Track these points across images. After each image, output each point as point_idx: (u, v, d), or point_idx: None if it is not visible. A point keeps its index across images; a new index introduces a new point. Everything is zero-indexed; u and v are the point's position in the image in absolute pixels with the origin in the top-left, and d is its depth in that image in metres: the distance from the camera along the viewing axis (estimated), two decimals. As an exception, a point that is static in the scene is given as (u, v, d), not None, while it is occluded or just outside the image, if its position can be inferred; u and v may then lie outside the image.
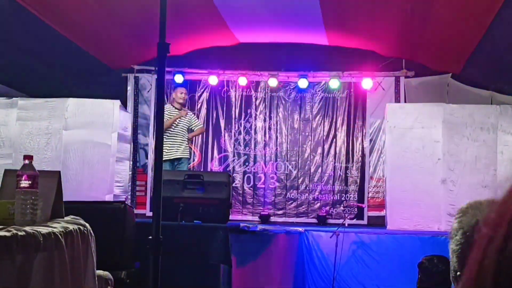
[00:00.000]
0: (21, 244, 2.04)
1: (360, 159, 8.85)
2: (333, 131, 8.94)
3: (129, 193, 8.65)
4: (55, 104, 7.80)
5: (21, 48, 7.38)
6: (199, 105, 9.10)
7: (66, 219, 2.60)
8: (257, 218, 8.63)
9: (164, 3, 2.89)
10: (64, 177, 7.68)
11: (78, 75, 8.86)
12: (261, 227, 6.16)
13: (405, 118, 7.56)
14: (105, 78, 8.95)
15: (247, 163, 9.02)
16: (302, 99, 9.03)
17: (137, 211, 8.03)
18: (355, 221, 8.48)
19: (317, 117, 8.99)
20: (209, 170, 8.87)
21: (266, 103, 9.08)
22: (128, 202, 8.07)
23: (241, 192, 8.92)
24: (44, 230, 2.21)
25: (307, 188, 8.86)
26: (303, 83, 8.67)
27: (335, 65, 8.80)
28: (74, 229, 2.44)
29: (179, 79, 8.65)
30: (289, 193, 8.88)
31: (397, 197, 7.39)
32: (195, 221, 5.28)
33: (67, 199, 3.07)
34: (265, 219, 8.43)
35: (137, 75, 9.11)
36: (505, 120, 7.34)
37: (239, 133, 9.08)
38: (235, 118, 9.08)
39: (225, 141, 9.07)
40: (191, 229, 5.08)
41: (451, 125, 7.40)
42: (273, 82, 8.75)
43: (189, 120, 7.86)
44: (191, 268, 4.93)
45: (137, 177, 9.01)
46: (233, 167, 9.00)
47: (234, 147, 9.05)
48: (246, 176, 8.98)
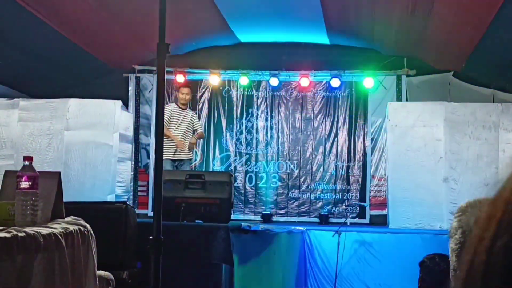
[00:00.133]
0: (21, 245, 2.05)
1: (361, 158, 8.84)
2: (334, 130, 8.93)
3: (131, 193, 8.65)
4: (56, 104, 7.80)
5: (22, 49, 7.39)
6: (201, 105, 9.10)
7: (66, 219, 2.60)
8: (259, 217, 8.63)
9: (163, 3, 2.89)
10: (66, 178, 7.69)
11: (79, 76, 8.87)
12: (263, 226, 6.16)
13: (406, 116, 7.55)
14: (106, 78, 8.96)
15: (249, 163, 9.02)
16: (303, 98, 9.02)
17: (139, 211, 8.05)
18: (357, 220, 8.48)
19: (319, 116, 8.98)
20: (211, 169, 8.87)
21: (267, 103, 9.08)
22: (130, 202, 8.08)
23: (243, 191, 8.91)
24: (44, 231, 2.22)
25: (309, 187, 8.86)
26: (305, 82, 8.67)
27: (336, 64, 8.81)
28: (74, 229, 2.44)
29: (180, 79, 8.66)
30: (291, 192, 8.87)
31: (399, 196, 7.39)
32: (196, 221, 5.29)
33: (69, 199, 3.07)
34: (267, 219, 8.43)
35: (138, 75, 9.12)
36: (506, 118, 7.32)
37: (241, 133, 9.07)
38: (237, 117, 9.08)
39: (226, 140, 9.07)
40: (192, 229, 5.08)
41: (452, 123, 7.39)
42: (274, 81, 8.75)
43: (191, 121, 7.85)
44: (193, 268, 4.94)
45: (139, 177, 9.02)
46: (235, 167, 8.99)
47: (235, 146, 9.05)
48: (248, 175, 8.98)
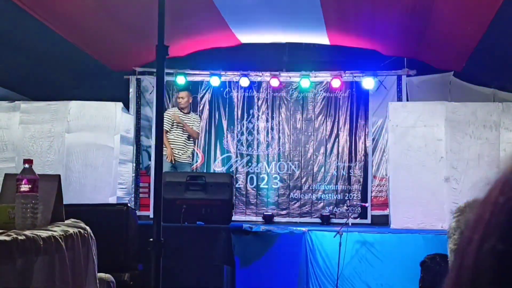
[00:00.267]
0: (21, 248, 2.05)
1: (363, 158, 8.83)
2: (335, 131, 8.92)
3: (133, 195, 8.66)
4: (57, 107, 7.80)
5: (23, 51, 7.40)
6: (201, 106, 9.10)
7: (66, 222, 2.60)
8: (260, 218, 8.62)
9: (162, 5, 2.89)
10: (67, 180, 7.69)
11: (80, 78, 8.88)
12: (264, 227, 6.16)
13: (407, 116, 7.54)
14: (107, 80, 8.97)
15: (250, 164, 9.01)
16: (304, 99, 9.01)
17: (140, 213, 8.06)
18: (358, 220, 8.47)
19: (320, 117, 8.97)
20: (212, 171, 8.88)
21: (268, 104, 9.07)
22: (131, 204, 8.09)
23: (244, 192, 8.91)
24: (44, 234, 2.22)
25: (310, 188, 8.85)
26: (305, 83, 8.67)
27: (336, 64, 8.80)
28: (74, 232, 2.44)
29: (181, 80, 8.67)
30: (292, 193, 8.87)
31: (401, 196, 7.38)
32: (197, 222, 5.29)
33: (71, 202, 3.07)
34: (268, 220, 8.42)
35: (139, 77, 9.12)
36: (507, 117, 7.31)
37: (242, 134, 9.07)
38: (238, 118, 9.08)
39: (227, 142, 9.07)
40: (193, 230, 5.09)
41: (453, 123, 7.38)
42: (275, 82, 8.75)
43: (192, 123, 7.85)
44: (195, 269, 4.94)
45: (140, 179, 9.02)
46: (236, 168, 8.99)
47: (236, 147, 9.05)
48: (249, 176, 8.98)
